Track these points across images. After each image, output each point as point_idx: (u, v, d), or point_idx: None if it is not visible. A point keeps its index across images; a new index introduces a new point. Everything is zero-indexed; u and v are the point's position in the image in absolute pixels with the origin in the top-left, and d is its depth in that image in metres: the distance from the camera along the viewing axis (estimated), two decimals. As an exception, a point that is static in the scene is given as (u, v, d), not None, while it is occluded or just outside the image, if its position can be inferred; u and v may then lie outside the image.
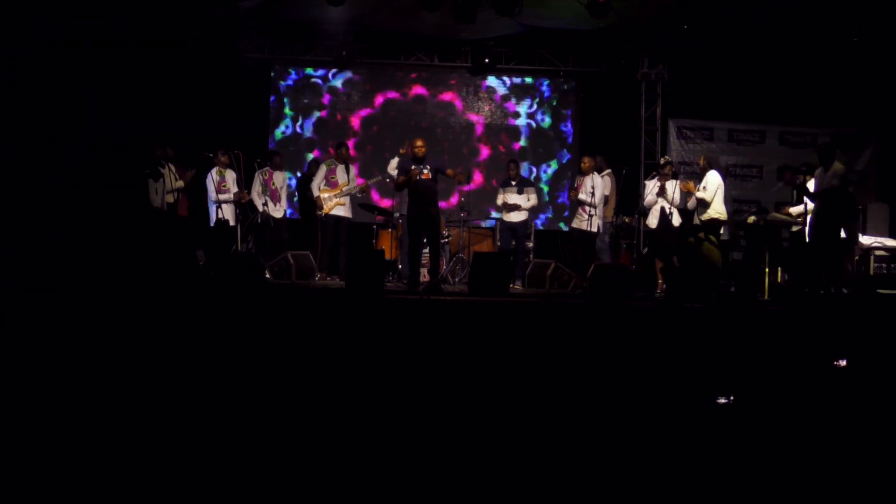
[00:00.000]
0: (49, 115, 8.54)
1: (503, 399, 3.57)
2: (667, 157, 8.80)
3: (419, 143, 7.46)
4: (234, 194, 8.67)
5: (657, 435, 3.03)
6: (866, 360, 4.47)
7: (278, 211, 8.93)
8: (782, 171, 9.66)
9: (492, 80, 11.30)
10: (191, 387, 3.71)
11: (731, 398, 3.37)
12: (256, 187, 8.84)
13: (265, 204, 8.76)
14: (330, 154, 9.59)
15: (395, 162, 8.76)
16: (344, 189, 8.85)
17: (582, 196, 8.58)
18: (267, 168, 9.00)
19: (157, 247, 7.75)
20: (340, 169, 8.93)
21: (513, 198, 8.78)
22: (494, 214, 8.91)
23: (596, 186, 8.54)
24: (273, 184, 8.92)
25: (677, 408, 3.46)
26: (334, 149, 9.27)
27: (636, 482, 2.54)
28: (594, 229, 8.53)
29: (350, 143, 11.01)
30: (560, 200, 11.28)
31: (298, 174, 10.76)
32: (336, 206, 8.83)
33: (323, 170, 8.97)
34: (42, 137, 7.98)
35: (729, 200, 8.86)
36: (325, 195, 8.85)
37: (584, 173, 8.74)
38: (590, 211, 8.47)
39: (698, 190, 8.00)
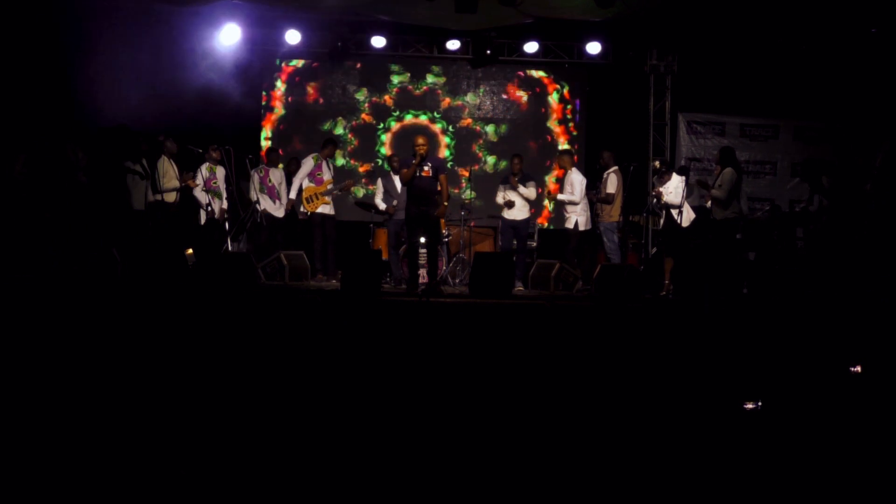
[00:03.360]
0: (46, 111, 8.60)
1: (505, 405, 3.58)
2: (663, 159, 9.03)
3: (421, 140, 7.49)
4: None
5: (662, 441, 3.04)
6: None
7: (279, 210, 8.89)
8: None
9: (494, 73, 11.29)
10: (182, 390, 3.72)
11: (755, 404, 3.39)
12: (254, 185, 8.85)
13: (257, 201, 8.73)
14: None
15: (381, 187, 8.92)
16: (329, 187, 8.76)
17: (560, 196, 8.82)
18: (262, 165, 8.99)
19: (144, 246, 7.76)
20: (325, 165, 8.84)
21: (514, 195, 8.78)
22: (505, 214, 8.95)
23: (573, 183, 8.69)
24: (270, 181, 8.91)
25: (684, 413, 3.47)
26: (322, 145, 9.21)
27: (642, 486, 2.55)
28: (567, 225, 8.76)
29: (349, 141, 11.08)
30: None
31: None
32: (321, 203, 8.73)
33: (309, 164, 8.80)
34: (40, 135, 8.04)
35: (744, 197, 8.84)
36: (311, 193, 8.73)
37: (564, 172, 8.94)
38: (566, 208, 8.73)
39: (713, 188, 7.95)
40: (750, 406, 3.34)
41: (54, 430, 3.00)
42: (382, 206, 8.89)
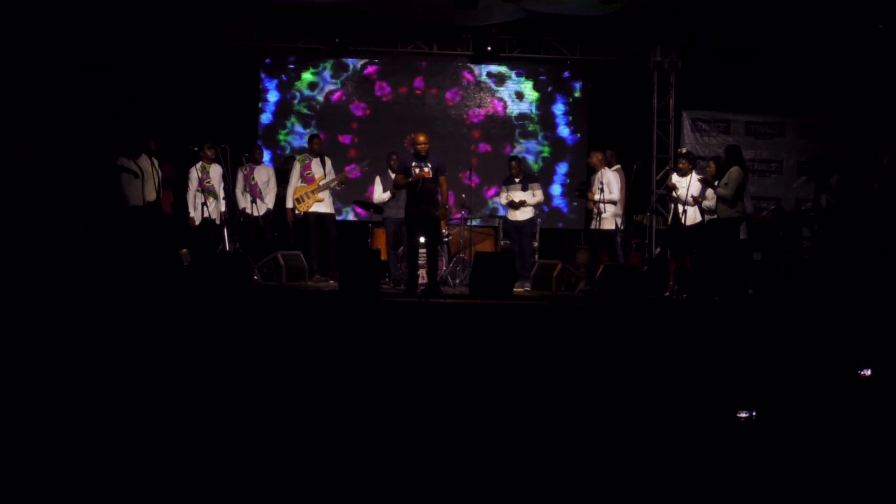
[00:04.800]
0: (39, 108, 8.63)
1: (506, 406, 3.59)
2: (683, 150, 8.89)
3: (422, 139, 7.46)
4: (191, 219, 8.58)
5: (664, 444, 3.05)
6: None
7: (260, 209, 8.71)
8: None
9: (495, 70, 11.30)
10: (178, 391, 3.73)
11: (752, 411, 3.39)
12: (239, 184, 8.82)
13: (240, 201, 8.70)
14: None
15: (379, 187, 8.87)
16: (321, 184, 8.66)
17: (597, 196, 8.58)
18: (249, 164, 8.88)
19: (141, 244, 7.78)
20: (315, 163, 8.74)
21: (517, 195, 8.81)
22: (502, 212, 8.94)
23: (609, 182, 8.55)
24: (253, 179, 8.78)
25: (687, 417, 3.48)
26: (307, 142, 9.16)
27: (643, 487, 2.56)
28: (607, 226, 8.54)
29: (346, 137, 11.07)
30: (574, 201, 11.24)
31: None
32: (314, 202, 8.65)
33: (297, 166, 8.74)
34: (33, 131, 8.09)
35: (748, 197, 8.81)
36: (301, 193, 8.66)
37: (593, 170, 8.75)
38: (601, 208, 8.50)
39: (719, 186, 7.92)
40: (744, 415, 3.33)
41: (53, 429, 3.01)
42: (386, 196, 8.75)
